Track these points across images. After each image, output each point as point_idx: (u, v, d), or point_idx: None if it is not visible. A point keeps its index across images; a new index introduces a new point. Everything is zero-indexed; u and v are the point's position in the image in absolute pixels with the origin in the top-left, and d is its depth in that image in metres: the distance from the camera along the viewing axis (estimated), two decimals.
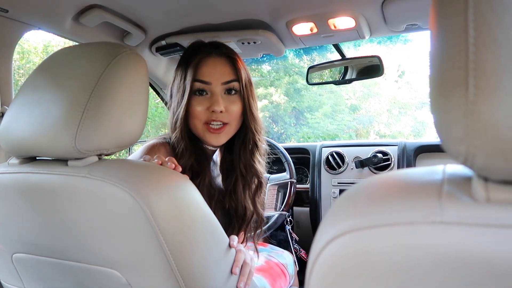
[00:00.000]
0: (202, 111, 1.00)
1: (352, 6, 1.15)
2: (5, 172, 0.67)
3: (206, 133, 1.01)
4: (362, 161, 1.85)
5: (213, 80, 1.01)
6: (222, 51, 1.05)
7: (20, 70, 4.93)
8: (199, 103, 1.01)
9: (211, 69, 1.01)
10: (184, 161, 1.00)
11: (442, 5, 0.31)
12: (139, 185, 0.58)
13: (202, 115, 1.00)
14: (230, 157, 1.12)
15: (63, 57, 0.68)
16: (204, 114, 1.00)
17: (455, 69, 0.29)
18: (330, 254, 0.34)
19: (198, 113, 1.00)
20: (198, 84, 1.00)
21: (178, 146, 1.02)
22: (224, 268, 0.72)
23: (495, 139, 0.27)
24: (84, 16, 1.14)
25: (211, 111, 0.99)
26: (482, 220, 0.28)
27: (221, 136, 1.02)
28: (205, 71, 1.01)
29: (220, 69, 1.02)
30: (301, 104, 7.80)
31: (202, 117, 1.00)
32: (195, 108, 1.00)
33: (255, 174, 1.11)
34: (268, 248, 1.51)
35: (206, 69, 1.01)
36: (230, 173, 1.12)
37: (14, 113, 0.66)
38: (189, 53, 1.05)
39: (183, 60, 1.06)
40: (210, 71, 1.01)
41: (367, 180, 0.38)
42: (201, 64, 1.01)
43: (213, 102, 0.99)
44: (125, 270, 0.63)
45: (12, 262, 0.73)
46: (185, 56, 1.06)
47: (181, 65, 1.06)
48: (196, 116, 1.01)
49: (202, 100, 1.01)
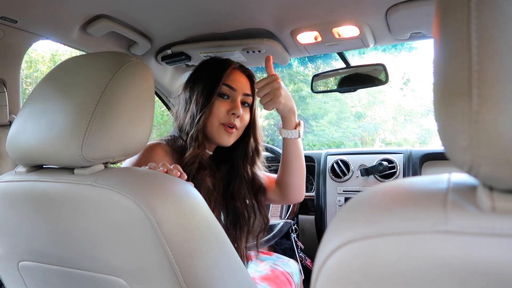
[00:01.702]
0: (223, 112, 1.11)
1: (356, 15, 1.15)
2: (12, 180, 0.68)
3: (221, 132, 1.11)
4: (368, 169, 1.84)
5: (238, 88, 1.14)
6: (246, 70, 1.20)
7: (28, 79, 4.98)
8: (222, 104, 1.12)
9: (238, 79, 1.15)
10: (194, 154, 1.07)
11: (445, 16, 0.31)
12: (144, 194, 0.58)
13: (222, 116, 1.11)
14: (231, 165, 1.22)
15: (70, 67, 0.69)
16: (224, 116, 1.11)
17: (458, 79, 0.29)
18: (335, 263, 0.34)
19: (219, 113, 1.11)
20: (226, 89, 1.12)
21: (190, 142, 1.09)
22: (230, 277, 0.71)
23: (499, 148, 0.27)
24: (91, 26, 1.16)
25: (230, 114, 1.11)
26: (487, 230, 0.28)
27: (231, 136, 1.13)
28: (234, 79, 1.14)
29: (244, 82, 1.16)
30: (306, 112, 7.80)
31: (222, 117, 1.11)
32: (217, 108, 1.11)
33: (258, 180, 1.23)
34: (273, 256, 1.50)
35: (235, 77, 1.15)
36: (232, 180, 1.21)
37: (21, 122, 0.67)
38: (219, 65, 1.16)
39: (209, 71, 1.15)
40: (238, 80, 1.15)
41: (371, 188, 0.38)
42: (231, 72, 1.15)
43: (235, 106, 1.12)
44: (130, 279, 0.63)
45: (18, 270, 0.73)
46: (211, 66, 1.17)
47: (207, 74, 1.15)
48: (217, 115, 1.11)
49: (225, 103, 1.12)
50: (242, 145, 1.21)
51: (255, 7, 1.11)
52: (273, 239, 1.62)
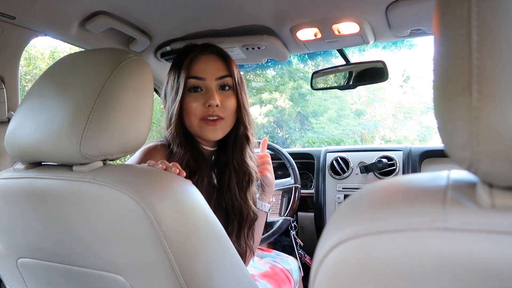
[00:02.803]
0: (198, 107, 1.01)
1: (356, 11, 1.15)
2: (11, 177, 0.68)
3: (203, 127, 1.02)
4: (367, 166, 1.84)
5: (207, 75, 1.02)
6: (214, 49, 1.07)
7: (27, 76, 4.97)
8: (195, 99, 1.02)
9: (204, 66, 1.03)
10: (180, 156, 1.01)
11: (445, 12, 0.31)
12: (143, 190, 0.58)
13: (198, 111, 1.01)
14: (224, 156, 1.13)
15: (68, 64, 0.68)
16: (200, 110, 1.01)
17: (458, 75, 0.29)
18: (334, 260, 0.34)
19: (194, 109, 1.01)
20: (193, 81, 1.02)
21: (173, 143, 1.03)
22: (229, 274, 0.71)
23: (499, 145, 0.27)
24: (90, 22, 1.15)
25: (207, 106, 1.00)
26: (486, 226, 0.28)
27: (217, 129, 1.03)
28: (199, 67, 1.03)
29: (213, 65, 1.04)
30: (306, 109, 7.79)
31: (198, 113, 1.01)
32: (190, 105, 1.01)
33: (246, 169, 1.11)
34: (272, 253, 1.50)
35: (200, 65, 1.03)
36: (224, 170, 1.12)
37: (20, 118, 0.66)
38: (182, 54, 1.07)
39: (176, 61, 1.08)
40: (204, 68, 1.03)
41: (370, 185, 0.38)
42: (195, 61, 1.03)
43: (208, 96, 1.01)
44: (129, 275, 0.63)
45: (17, 267, 0.73)
46: (178, 57, 1.08)
47: (174, 66, 1.07)
48: (192, 112, 1.01)
49: (197, 97, 1.02)
50: (232, 131, 1.10)
51: (255, 3, 1.11)
52: (273, 236, 1.62)
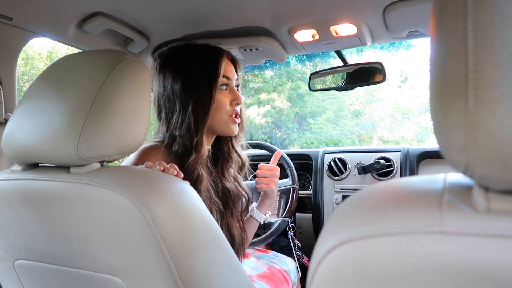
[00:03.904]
0: (227, 104, 1.07)
1: (353, 13, 1.15)
2: (8, 179, 0.68)
3: (230, 124, 1.08)
4: (365, 167, 1.84)
5: (232, 76, 1.09)
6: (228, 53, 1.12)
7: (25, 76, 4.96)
8: (225, 97, 1.07)
9: (230, 67, 1.10)
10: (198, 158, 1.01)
11: (442, 15, 0.31)
12: (140, 192, 0.58)
13: (228, 108, 1.07)
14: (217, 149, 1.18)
15: (65, 65, 0.68)
16: (229, 108, 1.07)
17: (455, 79, 0.29)
18: (331, 263, 0.34)
19: (226, 107, 1.06)
20: (225, 80, 1.07)
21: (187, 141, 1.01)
22: (227, 275, 0.71)
23: (495, 149, 0.27)
24: (87, 23, 1.15)
25: (234, 104, 1.08)
26: (482, 230, 0.28)
27: (237, 126, 1.11)
28: (227, 68, 1.08)
29: (232, 68, 1.11)
30: (304, 110, 7.80)
31: (228, 109, 1.07)
32: (223, 102, 1.06)
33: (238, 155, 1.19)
34: (270, 254, 1.51)
35: (227, 66, 1.09)
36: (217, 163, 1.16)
37: (17, 120, 0.66)
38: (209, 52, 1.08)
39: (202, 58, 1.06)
40: (230, 68, 1.09)
41: (367, 188, 0.38)
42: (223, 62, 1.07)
43: (236, 96, 1.08)
44: (126, 277, 0.63)
45: (14, 268, 0.73)
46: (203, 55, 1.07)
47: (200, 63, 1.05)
48: (224, 109, 1.06)
49: (227, 94, 1.08)
50: None
51: (253, 4, 1.11)
52: (270, 237, 1.62)
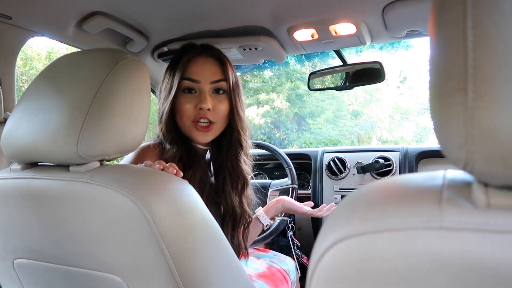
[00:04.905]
0: (190, 108, 1.02)
1: (353, 12, 1.15)
2: (7, 178, 0.68)
3: (193, 131, 1.03)
4: (364, 167, 1.84)
5: (202, 78, 1.03)
6: (212, 52, 1.07)
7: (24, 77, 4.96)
8: (188, 100, 1.03)
9: (200, 68, 1.04)
10: (173, 152, 1.01)
11: (441, 13, 0.31)
12: (140, 191, 0.58)
13: (190, 113, 1.02)
14: (219, 159, 1.14)
15: (65, 64, 0.68)
16: (192, 112, 1.02)
17: (454, 75, 0.29)
18: (330, 260, 0.34)
19: (187, 111, 1.02)
20: (187, 83, 1.03)
21: (165, 141, 1.04)
22: (226, 274, 0.71)
23: (494, 144, 0.27)
24: (86, 22, 1.15)
25: (198, 109, 1.01)
26: (482, 226, 0.28)
27: (208, 134, 1.04)
28: (195, 70, 1.03)
29: (209, 69, 1.04)
30: (303, 110, 7.80)
31: (190, 114, 1.02)
32: (183, 106, 1.02)
33: (240, 173, 1.12)
34: (270, 254, 1.51)
35: (196, 68, 1.04)
36: (219, 173, 1.13)
37: (16, 119, 0.66)
38: (180, 54, 1.07)
39: (173, 60, 1.08)
40: (200, 70, 1.03)
41: (367, 186, 0.38)
42: (191, 63, 1.04)
43: (201, 99, 1.02)
44: (126, 276, 0.63)
45: (13, 267, 0.73)
46: (176, 57, 1.08)
47: (171, 65, 1.08)
48: (184, 113, 1.03)
49: (191, 98, 1.03)
50: (225, 136, 1.11)
51: (252, 4, 1.11)
52: (270, 236, 1.62)
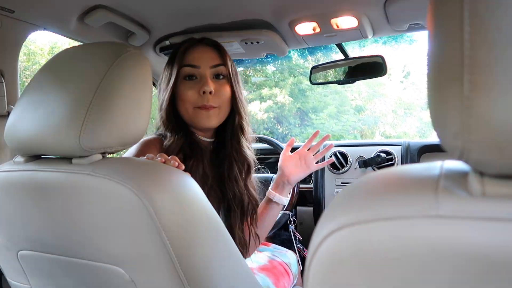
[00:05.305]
0: (193, 95, 1.03)
1: (354, 5, 1.15)
2: (11, 170, 0.68)
3: (197, 114, 1.03)
4: (366, 161, 1.84)
5: (201, 64, 1.04)
6: (209, 41, 1.10)
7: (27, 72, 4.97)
8: (189, 87, 1.03)
9: (199, 55, 1.06)
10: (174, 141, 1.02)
11: (439, 4, 0.31)
12: (142, 183, 0.59)
13: (193, 99, 1.03)
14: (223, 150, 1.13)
15: (67, 57, 0.69)
16: (196, 98, 1.03)
17: (451, 66, 0.29)
18: (328, 248, 0.34)
19: (190, 97, 1.03)
20: (188, 69, 1.04)
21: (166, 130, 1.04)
22: (227, 266, 0.72)
23: (490, 133, 0.28)
24: (89, 16, 1.15)
25: (201, 93, 1.02)
26: (477, 214, 0.29)
27: (210, 115, 1.04)
28: (193, 56, 1.05)
29: (207, 54, 1.06)
30: (306, 105, 7.79)
31: (193, 100, 1.03)
32: (185, 92, 1.03)
33: (245, 159, 1.13)
34: (271, 247, 1.51)
35: (194, 54, 1.06)
36: (223, 161, 1.12)
37: (19, 112, 0.67)
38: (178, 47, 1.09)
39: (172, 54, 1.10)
40: (199, 56, 1.05)
41: (365, 176, 0.39)
42: (189, 51, 1.06)
43: (203, 84, 1.02)
44: (128, 267, 0.64)
45: (17, 259, 0.74)
46: (174, 50, 1.10)
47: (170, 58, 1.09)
48: (187, 99, 1.03)
49: (192, 84, 1.04)
50: (228, 122, 1.11)
51: None
52: (271, 230, 1.63)
